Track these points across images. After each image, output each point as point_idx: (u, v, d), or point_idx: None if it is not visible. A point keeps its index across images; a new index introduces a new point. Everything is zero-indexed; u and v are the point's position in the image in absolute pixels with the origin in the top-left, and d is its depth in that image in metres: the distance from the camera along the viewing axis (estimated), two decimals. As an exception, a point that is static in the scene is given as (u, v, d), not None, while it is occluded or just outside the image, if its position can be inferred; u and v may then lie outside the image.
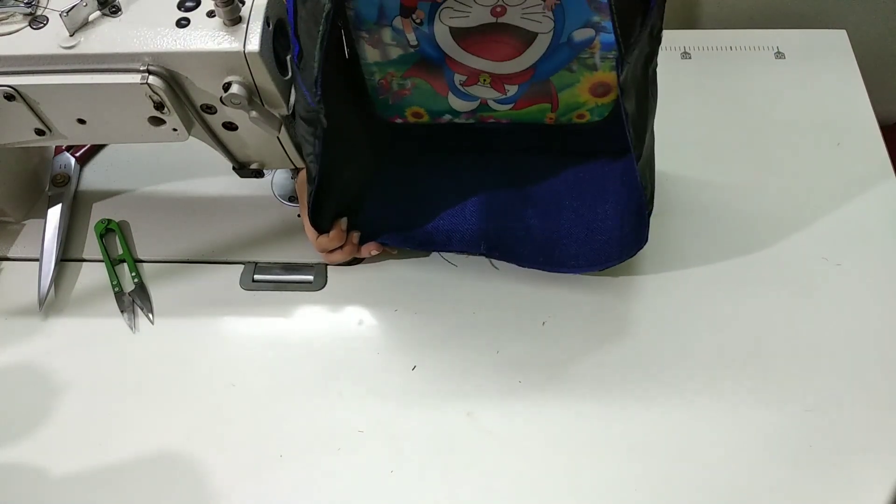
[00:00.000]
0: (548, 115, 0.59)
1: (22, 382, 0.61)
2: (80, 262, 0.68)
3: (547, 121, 0.60)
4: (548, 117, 0.60)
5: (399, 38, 0.52)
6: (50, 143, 0.72)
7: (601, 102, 0.57)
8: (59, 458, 0.58)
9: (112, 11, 0.52)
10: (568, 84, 0.56)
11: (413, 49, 0.53)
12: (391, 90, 0.58)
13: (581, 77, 0.55)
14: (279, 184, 0.71)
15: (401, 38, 0.52)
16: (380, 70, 0.56)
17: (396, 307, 0.64)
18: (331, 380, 0.61)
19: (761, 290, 0.64)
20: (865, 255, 0.65)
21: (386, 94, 0.58)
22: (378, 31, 0.52)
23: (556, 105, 0.58)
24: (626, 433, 0.57)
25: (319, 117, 0.50)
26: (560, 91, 0.56)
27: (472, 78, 0.56)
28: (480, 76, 0.55)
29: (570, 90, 0.56)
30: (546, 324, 0.63)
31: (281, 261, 0.67)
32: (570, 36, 0.52)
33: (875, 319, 0.62)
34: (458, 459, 0.57)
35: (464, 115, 0.60)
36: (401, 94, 0.58)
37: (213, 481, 0.56)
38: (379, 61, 0.55)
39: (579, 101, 0.57)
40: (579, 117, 0.59)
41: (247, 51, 0.50)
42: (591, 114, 0.59)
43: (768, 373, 0.59)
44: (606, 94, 0.56)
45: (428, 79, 0.56)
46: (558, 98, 0.57)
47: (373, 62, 0.55)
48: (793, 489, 0.55)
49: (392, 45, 0.53)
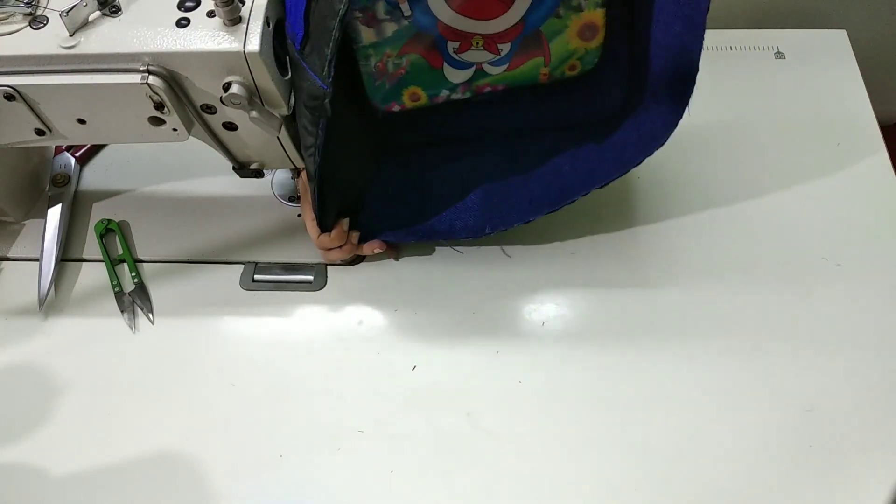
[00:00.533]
0: (541, 71, 0.60)
1: (22, 382, 0.61)
2: (80, 262, 0.68)
3: (541, 78, 0.60)
4: (542, 73, 0.60)
5: (393, 11, 0.53)
6: (50, 143, 0.72)
7: (589, 48, 0.58)
8: (59, 458, 0.58)
9: (112, 11, 0.52)
10: (557, 31, 0.57)
11: (407, 21, 0.54)
12: (387, 72, 0.58)
13: (569, 21, 0.56)
14: (279, 184, 0.71)
15: (394, 10, 0.53)
16: (376, 52, 0.56)
17: (396, 307, 0.64)
18: (331, 380, 0.61)
19: (761, 290, 0.64)
20: (865, 255, 0.65)
21: (382, 79, 0.59)
22: (372, 6, 0.53)
23: (549, 57, 0.59)
24: (626, 433, 0.57)
25: (324, 104, 0.50)
26: (551, 40, 0.57)
27: (465, 43, 0.56)
28: (473, 39, 0.56)
29: (560, 38, 0.57)
30: (546, 324, 0.63)
31: (281, 261, 0.67)
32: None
33: (875, 319, 0.62)
34: (458, 459, 0.57)
35: (460, 87, 0.60)
36: (397, 75, 0.58)
37: (213, 481, 0.56)
38: (374, 41, 0.55)
39: (569, 48, 0.58)
40: (571, 69, 0.60)
41: (247, 51, 0.50)
42: (582, 62, 0.60)
43: (768, 373, 0.59)
44: (594, 37, 0.57)
45: (422, 52, 0.57)
46: (549, 49, 0.58)
47: (368, 44, 0.55)
48: (793, 489, 0.55)
49: (386, 21, 0.54)
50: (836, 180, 0.70)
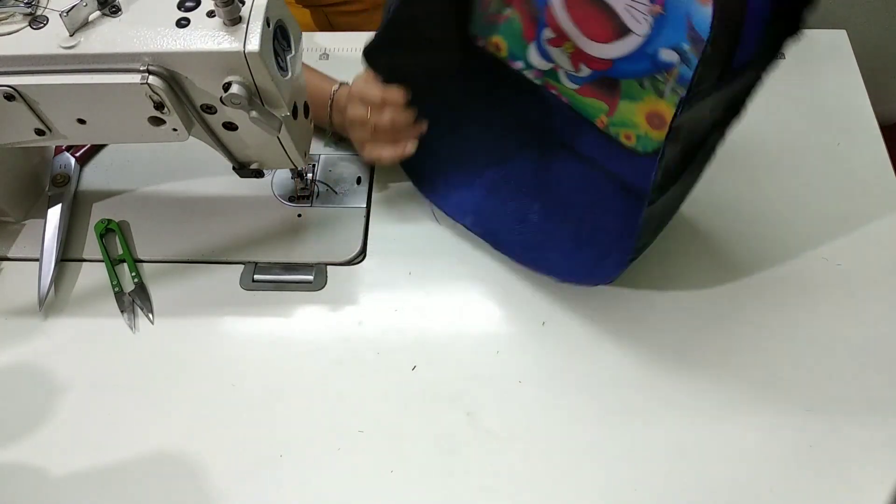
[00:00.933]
0: (600, 118, 0.60)
1: (22, 382, 0.61)
2: (80, 262, 0.68)
3: (598, 123, 0.61)
4: (599, 120, 0.61)
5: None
6: (50, 143, 0.72)
7: (650, 135, 0.58)
8: (59, 458, 0.58)
9: (112, 11, 0.52)
10: (631, 96, 0.57)
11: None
12: (488, 10, 0.60)
13: (646, 96, 0.56)
14: (279, 184, 0.71)
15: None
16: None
17: (397, 307, 0.64)
18: (331, 380, 0.61)
19: (761, 290, 0.64)
20: (865, 255, 0.65)
21: (484, 11, 0.61)
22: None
23: (613, 110, 0.59)
24: (626, 433, 0.57)
25: None
26: (622, 99, 0.57)
27: (559, 39, 0.58)
28: (566, 42, 0.57)
29: (630, 104, 0.57)
30: (546, 324, 0.63)
31: (281, 261, 0.67)
32: (656, 50, 0.53)
33: (875, 319, 0.62)
34: (458, 459, 0.57)
35: (534, 71, 0.62)
36: (494, 18, 0.60)
37: (213, 481, 0.56)
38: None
39: (633, 119, 0.58)
40: (626, 137, 0.60)
41: (247, 51, 0.50)
42: (638, 141, 0.60)
43: (768, 373, 0.59)
44: (659, 128, 0.57)
45: (523, 16, 0.58)
46: (618, 105, 0.58)
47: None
48: (793, 489, 0.55)
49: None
50: (836, 180, 0.70)
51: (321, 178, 0.71)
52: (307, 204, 0.70)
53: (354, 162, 0.73)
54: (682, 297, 0.64)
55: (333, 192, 0.71)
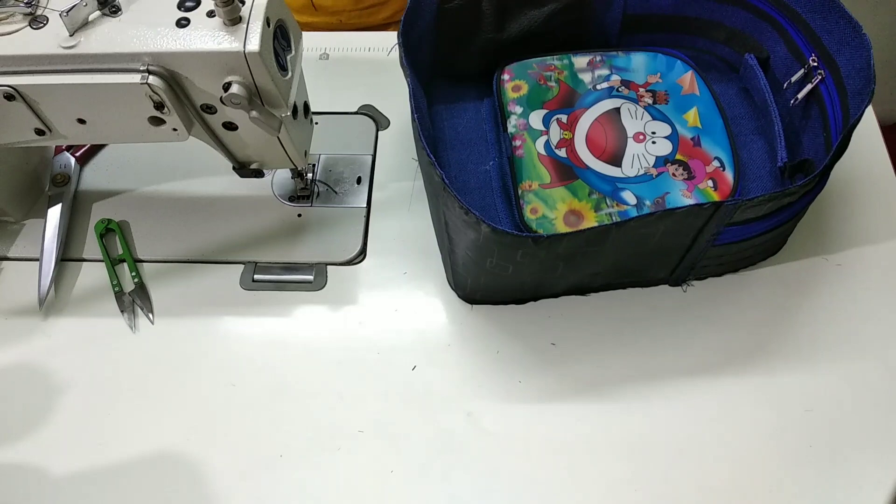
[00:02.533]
0: (531, 183, 0.65)
1: (22, 382, 0.61)
2: (80, 262, 0.68)
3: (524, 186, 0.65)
4: (527, 183, 0.65)
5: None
6: (50, 143, 0.72)
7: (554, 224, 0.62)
8: (59, 458, 0.58)
9: (112, 11, 0.52)
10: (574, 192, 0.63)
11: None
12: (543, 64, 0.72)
13: (584, 201, 0.62)
14: (279, 184, 0.71)
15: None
16: None
17: (396, 307, 0.64)
18: (331, 380, 0.61)
19: (761, 290, 0.64)
20: (865, 255, 0.65)
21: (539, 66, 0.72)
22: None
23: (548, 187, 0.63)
24: (626, 433, 0.57)
25: None
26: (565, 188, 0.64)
27: (567, 127, 0.67)
28: (566, 132, 0.67)
29: (566, 195, 0.63)
30: (546, 324, 0.63)
31: (281, 261, 0.67)
32: (625, 188, 0.62)
33: (875, 319, 0.62)
34: (458, 459, 0.57)
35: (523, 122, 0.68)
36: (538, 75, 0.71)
37: (213, 481, 0.56)
38: None
39: (556, 205, 0.63)
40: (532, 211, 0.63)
41: (247, 51, 0.50)
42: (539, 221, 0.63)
43: (768, 373, 0.59)
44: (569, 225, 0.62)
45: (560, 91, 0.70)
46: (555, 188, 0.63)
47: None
48: (793, 489, 0.55)
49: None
50: (836, 180, 0.69)
51: (321, 178, 0.71)
52: (307, 204, 0.70)
53: (354, 162, 0.73)
54: (681, 296, 0.64)
55: (333, 192, 0.71)
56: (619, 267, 0.59)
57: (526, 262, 0.55)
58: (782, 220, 0.58)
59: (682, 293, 0.64)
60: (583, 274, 0.60)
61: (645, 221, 0.52)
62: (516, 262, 0.55)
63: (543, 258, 0.54)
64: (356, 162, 0.73)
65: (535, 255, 0.54)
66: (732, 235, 0.57)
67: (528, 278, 0.59)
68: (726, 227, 0.55)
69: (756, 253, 0.63)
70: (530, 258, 0.54)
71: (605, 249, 0.55)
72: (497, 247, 0.53)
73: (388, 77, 0.79)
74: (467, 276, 0.60)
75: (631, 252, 0.56)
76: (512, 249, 0.53)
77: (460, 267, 0.60)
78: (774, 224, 0.58)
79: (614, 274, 0.61)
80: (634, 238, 0.54)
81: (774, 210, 0.55)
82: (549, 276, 0.59)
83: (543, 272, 0.57)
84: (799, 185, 0.52)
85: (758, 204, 0.52)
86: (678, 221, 0.53)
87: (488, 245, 0.53)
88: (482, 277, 0.59)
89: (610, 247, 0.54)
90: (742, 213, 0.53)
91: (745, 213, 0.53)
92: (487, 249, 0.54)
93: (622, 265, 0.59)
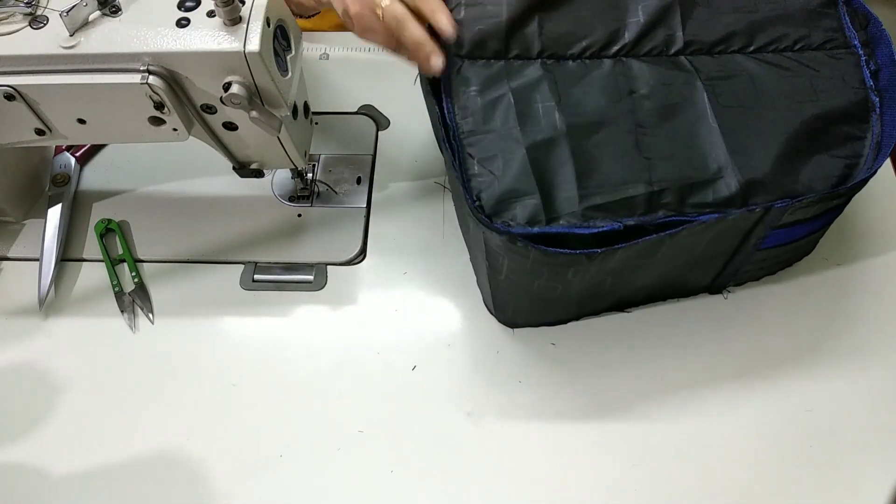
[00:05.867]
0: None
1: (22, 382, 0.61)
2: (80, 262, 0.68)
3: None
4: None
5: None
6: (50, 143, 0.72)
7: None
8: (59, 458, 0.58)
9: (112, 11, 0.52)
10: None
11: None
12: None
13: None
14: (279, 184, 0.71)
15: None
16: None
17: (397, 307, 0.64)
18: (331, 380, 0.61)
19: (760, 290, 0.64)
20: (865, 255, 0.65)
21: None
22: None
23: None
24: (626, 433, 0.57)
25: None
26: None
27: None
28: None
29: None
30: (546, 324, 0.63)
31: (281, 261, 0.67)
32: None
33: (875, 319, 0.62)
34: (457, 459, 0.57)
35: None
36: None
37: (213, 481, 0.56)
38: None
39: None
40: None
41: (247, 51, 0.50)
42: None
43: (768, 373, 0.59)
44: None
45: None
46: None
47: None
48: (793, 489, 0.55)
49: None
50: (836, 180, 0.70)
51: (321, 178, 0.71)
52: (307, 204, 0.70)
53: (354, 162, 0.73)
54: (681, 302, 0.64)
55: (333, 192, 0.71)
56: (665, 276, 0.57)
57: (576, 280, 0.53)
58: (828, 221, 0.57)
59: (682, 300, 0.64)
60: (629, 289, 0.59)
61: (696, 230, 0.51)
62: (566, 281, 0.53)
63: (595, 273, 0.53)
64: (356, 162, 0.73)
65: (586, 272, 0.52)
66: (778, 238, 0.56)
67: (575, 296, 0.57)
68: (773, 231, 0.54)
69: (794, 256, 0.62)
70: (581, 275, 0.52)
71: (655, 261, 0.53)
72: (547, 269, 0.52)
73: (388, 77, 0.79)
74: (509, 299, 0.59)
75: (679, 262, 0.55)
76: (564, 268, 0.51)
77: (502, 291, 0.58)
78: (820, 226, 0.57)
79: (659, 285, 0.59)
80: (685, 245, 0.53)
81: (822, 212, 0.54)
82: (596, 293, 0.57)
83: (591, 289, 0.56)
84: (848, 188, 0.51)
85: (807, 205, 0.51)
86: (729, 226, 0.52)
87: (537, 268, 0.52)
88: (526, 300, 0.57)
89: (660, 257, 0.53)
90: (791, 215, 0.53)
91: (795, 214, 0.53)
92: (536, 272, 0.52)
93: (666, 275, 0.57)
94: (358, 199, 0.70)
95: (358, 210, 0.70)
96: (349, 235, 0.68)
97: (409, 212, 0.69)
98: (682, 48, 0.56)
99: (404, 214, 0.69)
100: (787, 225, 0.54)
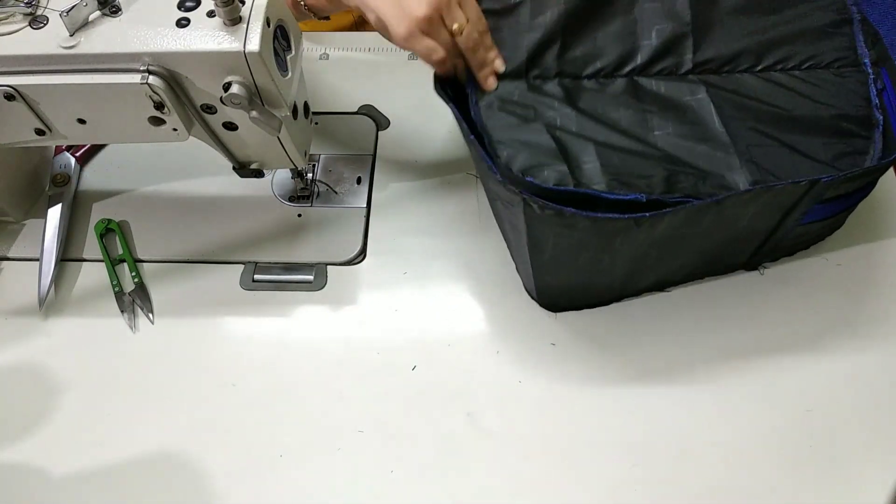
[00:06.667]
0: None
1: (22, 382, 0.61)
2: (80, 262, 0.68)
3: None
4: None
5: None
6: (50, 143, 0.72)
7: None
8: (59, 458, 0.58)
9: (112, 11, 0.52)
10: None
11: None
12: None
13: None
14: (279, 184, 0.71)
15: None
16: None
17: (397, 307, 0.64)
18: (331, 380, 0.61)
19: (761, 291, 0.64)
20: (865, 255, 0.65)
21: None
22: None
23: None
24: (626, 433, 0.57)
25: None
26: None
27: None
28: None
29: None
30: (546, 323, 0.63)
31: (281, 261, 0.67)
32: None
33: (875, 319, 0.62)
34: (458, 459, 0.57)
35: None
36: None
37: (213, 481, 0.56)
38: None
39: None
40: None
41: (247, 51, 0.50)
42: None
43: (768, 373, 0.59)
44: None
45: None
46: None
47: None
48: (793, 489, 0.55)
49: None
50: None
51: (321, 178, 0.71)
52: (307, 204, 0.70)
53: (354, 162, 0.73)
54: (681, 296, 0.64)
55: (333, 192, 0.71)
56: (705, 252, 0.58)
57: (623, 250, 0.54)
58: (863, 195, 0.58)
59: (682, 292, 0.64)
60: (671, 265, 0.60)
61: (742, 198, 0.52)
62: (613, 252, 0.54)
63: (640, 243, 0.54)
64: (356, 162, 0.73)
65: (633, 240, 0.53)
66: (817, 214, 0.57)
67: (619, 273, 0.58)
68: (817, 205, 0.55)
69: (826, 231, 0.63)
70: (628, 245, 0.53)
71: (699, 234, 0.54)
72: (595, 238, 0.53)
73: (388, 77, 0.79)
74: (553, 280, 0.59)
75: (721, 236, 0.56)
76: (611, 237, 0.52)
77: (546, 272, 0.58)
78: (855, 201, 0.59)
79: (699, 262, 0.60)
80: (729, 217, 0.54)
81: (856, 189, 0.56)
82: (639, 268, 0.58)
83: (635, 262, 0.57)
84: (886, 162, 0.53)
85: (851, 179, 0.53)
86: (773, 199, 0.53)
87: (584, 239, 0.53)
88: (571, 278, 0.58)
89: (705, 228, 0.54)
90: (835, 190, 0.54)
91: (839, 189, 0.54)
92: (583, 244, 0.53)
93: (708, 251, 0.58)
94: (358, 199, 0.70)
95: (358, 210, 0.70)
96: (349, 235, 0.68)
97: (409, 212, 0.69)
98: (692, 69, 0.59)
99: (404, 214, 0.69)
100: (829, 200, 0.55)
